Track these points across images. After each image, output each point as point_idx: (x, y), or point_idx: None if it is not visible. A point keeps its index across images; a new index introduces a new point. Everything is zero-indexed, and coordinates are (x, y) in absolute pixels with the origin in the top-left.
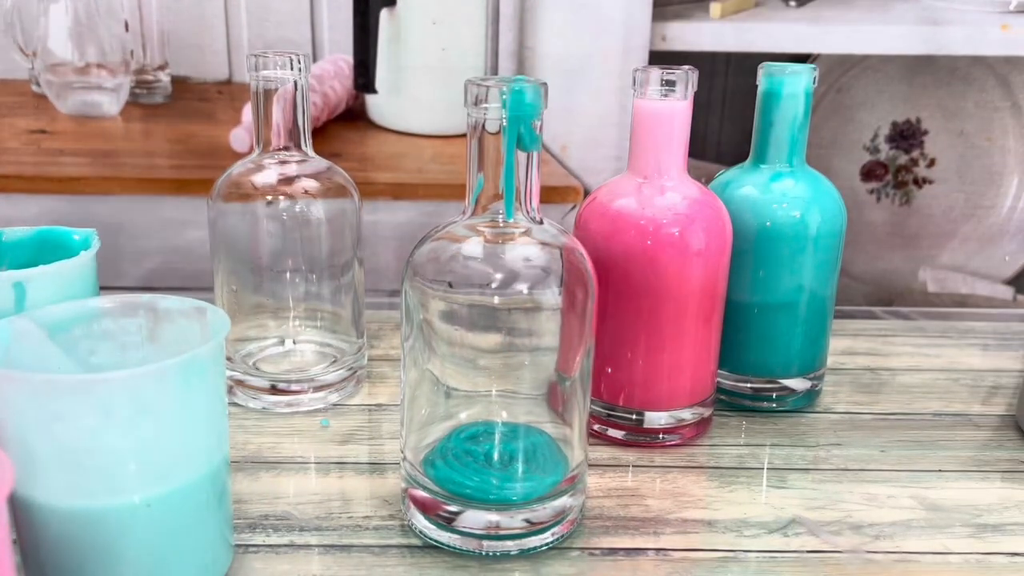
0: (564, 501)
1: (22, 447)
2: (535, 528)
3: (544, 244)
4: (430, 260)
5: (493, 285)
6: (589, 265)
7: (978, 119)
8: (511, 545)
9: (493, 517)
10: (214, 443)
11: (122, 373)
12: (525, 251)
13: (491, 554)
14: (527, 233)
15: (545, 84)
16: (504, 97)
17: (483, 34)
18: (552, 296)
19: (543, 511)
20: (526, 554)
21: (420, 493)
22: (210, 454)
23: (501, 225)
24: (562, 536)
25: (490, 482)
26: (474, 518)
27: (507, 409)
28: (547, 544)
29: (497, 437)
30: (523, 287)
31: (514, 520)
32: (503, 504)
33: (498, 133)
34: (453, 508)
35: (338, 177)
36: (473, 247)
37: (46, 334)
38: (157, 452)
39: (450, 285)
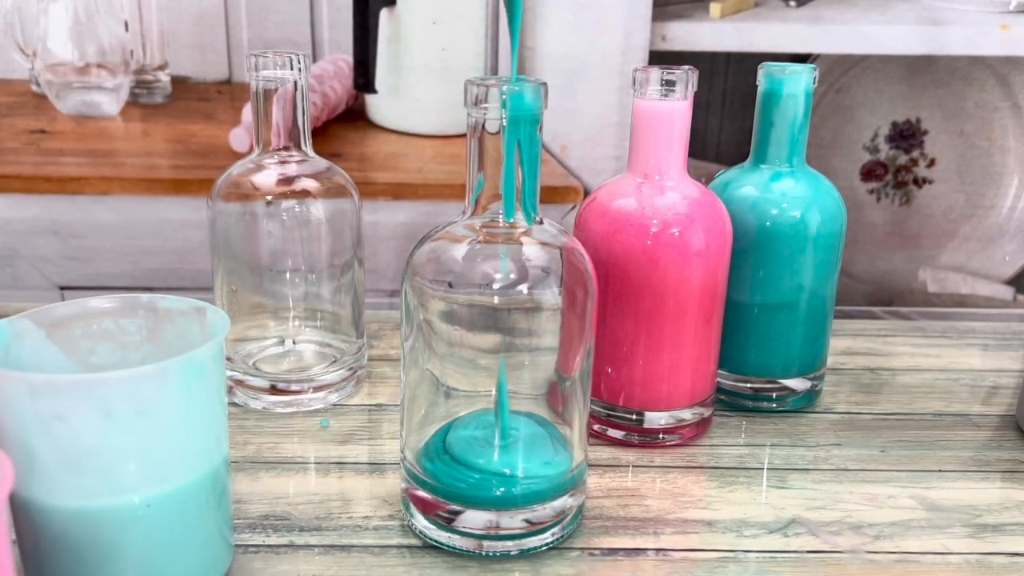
0: (564, 501)
1: (22, 447)
2: (535, 528)
3: (544, 244)
4: (430, 260)
5: (493, 285)
6: (589, 265)
7: (978, 119)
8: (511, 545)
9: (493, 517)
10: (214, 443)
11: (122, 373)
12: (525, 251)
13: (491, 554)
14: (527, 233)
15: (545, 84)
16: (504, 97)
17: (483, 34)
18: (552, 296)
19: (543, 511)
20: (526, 554)
21: (420, 493)
22: (210, 454)
23: (501, 225)
24: (562, 536)
25: (490, 482)
26: (474, 518)
27: None
28: (547, 544)
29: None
30: (523, 287)
31: (514, 520)
32: (503, 504)
33: (498, 133)
34: (453, 508)
35: (338, 177)
36: (472, 247)
37: (46, 334)
38: (157, 452)
39: (450, 285)
